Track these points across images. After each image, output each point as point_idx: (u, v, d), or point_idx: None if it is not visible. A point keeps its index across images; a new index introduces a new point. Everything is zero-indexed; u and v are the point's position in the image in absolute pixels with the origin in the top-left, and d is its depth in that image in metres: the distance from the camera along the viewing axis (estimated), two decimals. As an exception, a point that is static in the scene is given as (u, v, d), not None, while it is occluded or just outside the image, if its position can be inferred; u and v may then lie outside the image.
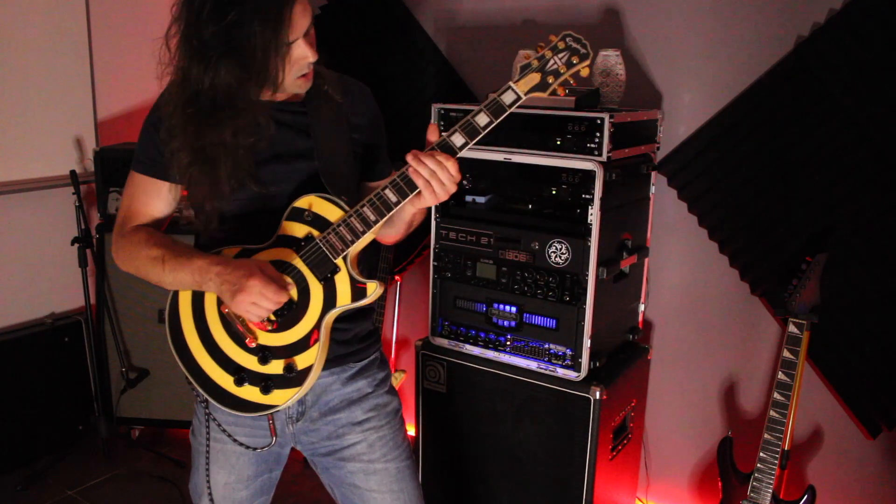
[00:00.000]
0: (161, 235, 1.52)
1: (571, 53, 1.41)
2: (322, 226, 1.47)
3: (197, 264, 1.44)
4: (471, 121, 1.42)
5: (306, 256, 1.47)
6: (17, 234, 3.17)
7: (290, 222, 1.48)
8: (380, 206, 1.44)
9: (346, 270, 1.47)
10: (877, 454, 2.32)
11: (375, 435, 1.62)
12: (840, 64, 2.18)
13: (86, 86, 3.26)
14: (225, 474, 1.61)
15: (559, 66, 1.41)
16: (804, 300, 2.13)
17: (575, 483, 2.24)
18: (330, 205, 1.47)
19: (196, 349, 1.53)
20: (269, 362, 1.49)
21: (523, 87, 1.42)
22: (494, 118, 1.42)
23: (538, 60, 1.41)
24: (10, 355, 3.01)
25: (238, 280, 1.39)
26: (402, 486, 1.63)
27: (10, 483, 2.92)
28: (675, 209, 2.55)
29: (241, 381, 1.50)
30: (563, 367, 2.24)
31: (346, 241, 1.45)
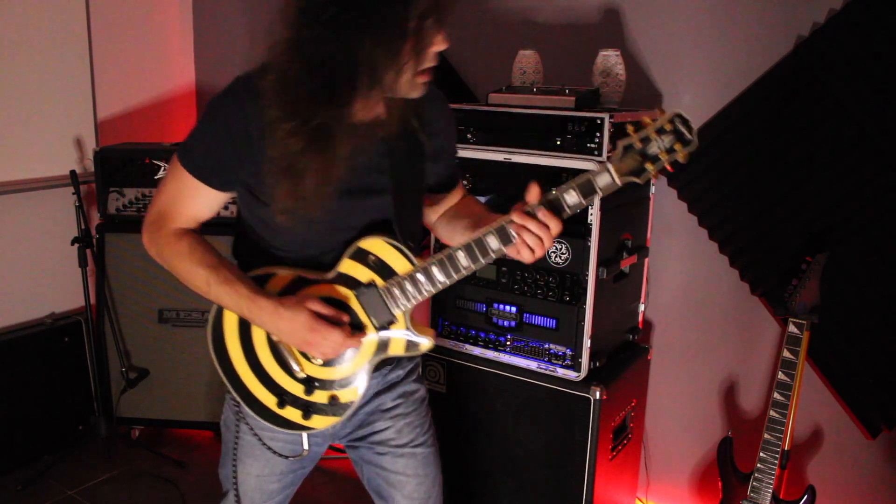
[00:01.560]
0: (204, 250, 1.44)
1: (676, 138, 1.29)
2: (386, 274, 1.43)
3: (243, 298, 1.39)
4: (559, 200, 1.35)
5: (365, 302, 1.44)
6: (17, 234, 3.17)
7: (353, 262, 1.44)
8: (449, 268, 1.40)
9: (404, 323, 1.46)
10: (877, 454, 2.32)
11: (403, 421, 1.63)
12: (840, 64, 2.18)
13: (86, 86, 3.25)
14: (259, 466, 1.60)
15: (660, 152, 1.30)
16: (804, 300, 2.13)
17: (575, 483, 2.24)
18: (398, 255, 1.43)
19: (239, 364, 1.50)
20: (313, 392, 1.50)
21: (621, 170, 1.32)
22: (583, 199, 1.34)
23: (641, 142, 1.30)
24: (10, 355, 3.01)
25: (297, 331, 1.37)
26: (427, 472, 1.66)
27: (10, 483, 2.92)
28: (675, 209, 2.55)
29: (284, 403, 1.50)
30: (563, 367, 2.24)
31: (409, 296, 1.43)
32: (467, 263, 1.40)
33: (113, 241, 3.07)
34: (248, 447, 1.59)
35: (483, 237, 1.38)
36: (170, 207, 1.45)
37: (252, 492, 1.61)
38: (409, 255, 1.44)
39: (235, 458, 1.59)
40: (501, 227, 1.36)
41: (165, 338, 3.07)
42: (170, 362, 3.09)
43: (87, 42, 3.23)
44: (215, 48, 3.71)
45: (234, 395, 1.52)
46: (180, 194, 1.44)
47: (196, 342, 3.05)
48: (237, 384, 1.51)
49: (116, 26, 3.43)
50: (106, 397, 3.15)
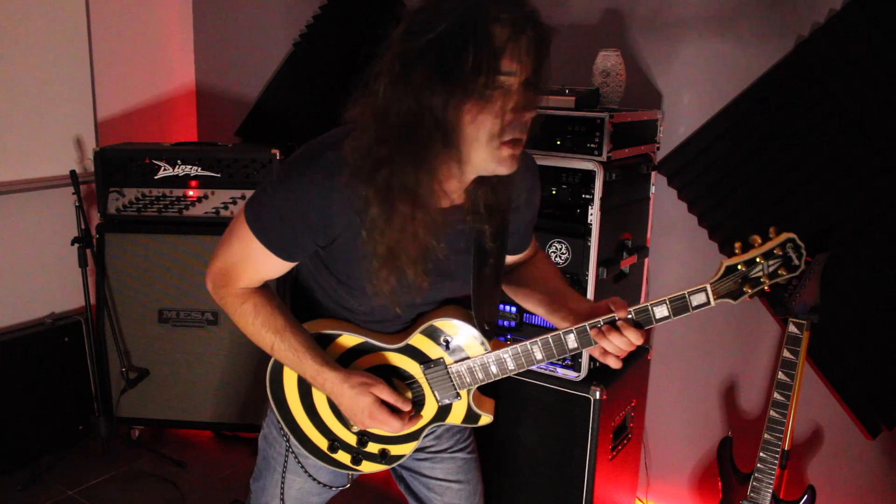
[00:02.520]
0: (270, 312, 1.39)
1: (783, 264, 1.22)
2: (457, 354, 1.41)
3: (308, 370, 1.38)
4: (649, 307, 1.30)
5: (432, 378, 1.43)
6: (17, 234, 3.17)
7: (424, 337, 1.42)
8: (522, 360, 1.39)
9: (467, 401, 1.46)
10: (877, 454, 2.32)
11: (442, 427, 1.62)
12: (840, 64, 2.18)
13: (86, 86, 3.25)
14: (301, 482, 1.59)
15: (763, 276, 1.23)
16: (804, 300, 2.13)
17: (575, 483, 2.24)
18: (473, 340, 1.40)
19: (294, 406, 1.50)
20: (367, 445, 1.51)
21: (719, 292, 1.26)
22: (673, 315, 1.29)
23: (745, 265, 1.23)
24: (10, 355, 3.01)
25: (356, 412, 1.37)
26: (468, 478, 1.65)
27: (11, 483, 2.92)
28: (675, 209, 2.55)
29: (336, 449, 1.51)
30: (563, 367, 2.24)
31: (477, 379, 1.42)
32: (541, 357, 1.38)
33: (113, 241, 3.07)
34: (293, 466, 1.58)
35: (563, 336, 1.34)
36: (236, 268, 1.38)
37: (292, 501, 1.61)
38: (484, 342, 1.40)
39: (285, 472, 1.57)
40: (583, 330, 1.33)
41: (165, 338, 3.07)
42: (170, 362, 3.09)
43: (87, 42, 3.23)
44: (215, 48, 3.71)
45: (287, 432, 1.51)
46: (248, 259, 1.36)
47: (196, 342, 3.05)
48: (290, 422, 1.51)
49: (116, 26, 3.43)
50: (106, 397, 3.15)
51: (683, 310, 1.28)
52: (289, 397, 1.49)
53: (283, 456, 1.56)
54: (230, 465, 3.11)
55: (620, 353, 1.32)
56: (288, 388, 1.49)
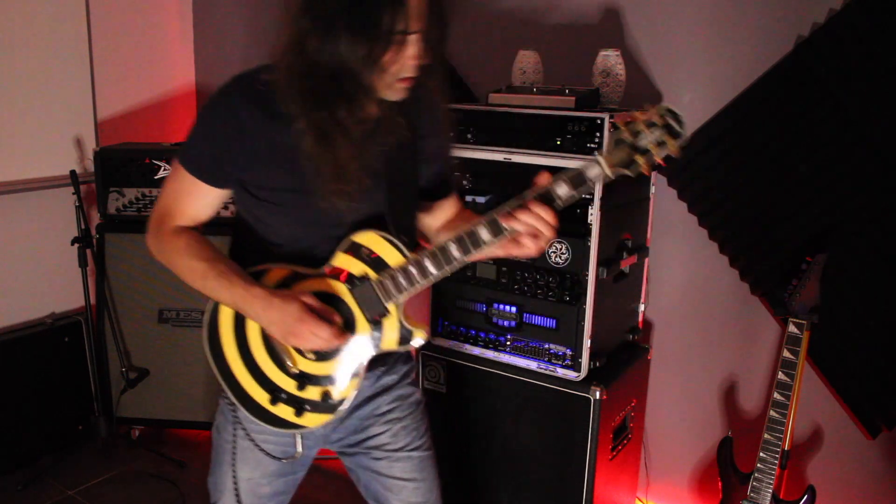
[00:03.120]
0: (202, 245, 1.48)
1: (666, 131, 1.30)
2: (379, 267, 1.45)
3: (238, 290, 1.41)
4: (550, 192, 1.36)
5: (358, 295, 1.46)
6: (17, 234, 3.17)
7: (347, 255, 1.46)
8: (441, 260, 1.41)
9: (396, 315, 1.47)
10: (877, 454, 2.32)
11: (399, 425, 1.63)
12: (840, 64, 2.18)
13: (86, 86, 3.25)
14: (249, 470, 1.60)
15: (650, 145, 1.31)
16: (804, 300, 2.13)
17: (575, 483, 2.24)
18: (391, 248, 1.45)
19: (233, 361, 1.51)
20: (306, 388, 1.50)
21: (611, 161, 1.32)
22: (574, 189, 1.34)
23: (632, 135, 1.31)
24: (10, 355, 3.01)
25: (286, 321, 1.38)
26: (424, 476, 1.66)
27: (11, 483, 2.92)
28: (675, 209, 2.55)
29: (277, 400, 1.50)
30: (563, 367, 2.24)
31: (402, 287, 1.44)
32: (459, 255, 1.41)
33: (113, 241, 3.07)
34: (241, 452, 1.59)
35: (475, 228, 1.39)
36: (171, 206, 1.49)
37: (245, 496, 1.60)
38: (401, 248, 1.45)
39: (235, 458, 1.59)
40: (493, 219, 1.37)
41: (165, 338, 3.07)
42: (170, 362, 3.09)
43: (87, 42, 3.23)
44: (215, 48, 3.71)
45: (228, 392, 1.52)
46: (180, 193, 1.48)
47: (196, 342, 3.02)
48: (231, 381, 1.52)
49: (116, 26, 3.43)
50: (106, 397, 3.15)
51: (581, 182, 1.34)
52: (226, 348, 1.51)
53: (232, 436, 1.57)
54: (230, 465, 3.11)
55: (534, 231, 1.36)
56: (224, 337, 1.51)
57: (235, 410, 1.55)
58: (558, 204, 1.36)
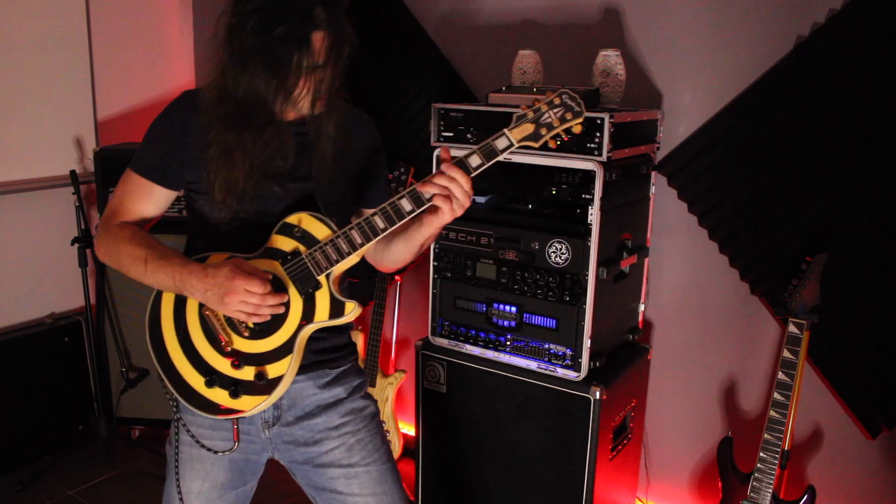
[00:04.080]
0: (145, 235, 1.55)
1: (566, 110, 1.47)
2: (310, 243, 1.51)
3: (176, 268, 1.47)
4: (463, 160, 1.47)
5: (290, 270, 1.50)
6: (17, 234, 3.17)
7: (279, 236, 1.52)
8: (367, 231, 1.48)
9: (328, 288, 1.51)
10: (877, 454, 2.33)
11: (353, 439, 1.62)
12: (840, 64, 2.18)
13: (86, 86, 3.26)
14: (199, 482, 1.61)
15: (553, 120, 1.47)
16: (804, 300, 2.13)
17: (575, 483, 2.24)
18: (320, 223, 1.52)
19: (172, 347, 1.56)
20: (241, 368, 1.51)
21: (517, 135, 1.47)
22: (486, 161, 1.47)
23: (533, 112, 1.47)
24: (10, 355, 3.01)
25: (221, 283, 1.42)
26: (386, 489, 1.63)
27: (10, 483, 2.92)
28: (675, 209, 2.55)
29: (212, 382, 1.52)
30: (563, 367, 2.24)
31: (332, 259, 1.49)
32: (383, 226, 1.48)
33: (113, 241, 3.07)
34: (187, 460, 1.61)
35: (397, 200, 1.48)
36: (119, 206, 1.57)
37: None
38: (330, 223, 1.51)
39: (178, 467, 1.61)
40: (413, 190, 1.47)
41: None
42: (170, 362, 3.08)
43: (87, 42, 3.23)
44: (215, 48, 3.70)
45: (165, 380, 1.55)
46: (128, 193, 1.57)
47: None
48: (168, 368, 1.55)
49: (116, 26, 3.43)
50: (106, 397, 3.15)
51: (492, 154, 1.47)
52: (165, 335, 1.56)
53: (175, 442, 1.61)
54: (230, 465, 3.11)
55: (448, 192, 1.45)
56: (165, 324, 1.56)
57: (177, 405, 1.58)
58: (472, 173, 1.48)
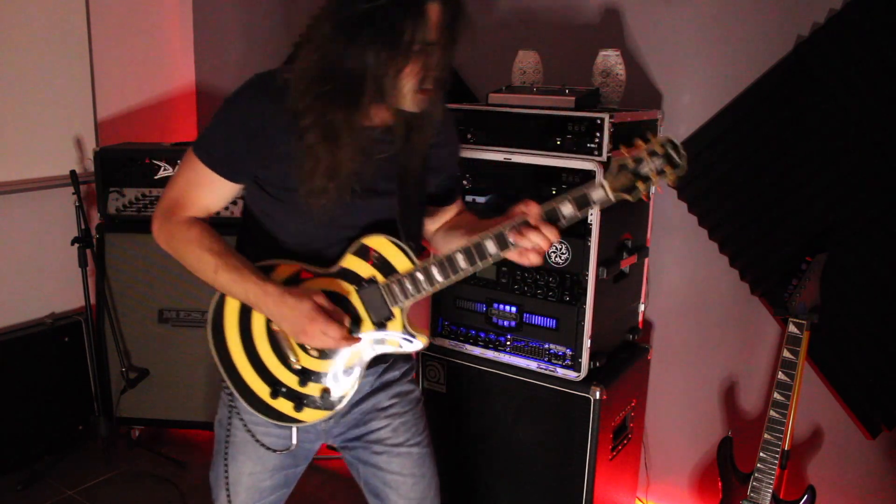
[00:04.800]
0: (214, 238, 1.48)
1: (666, 161, 1.37)
2: (387, 271, 1.48)
3: (251, 285, 1.43)
4: (555, 209, 1.41)
5: (365, 297, 1.49)
6: (17, 234, 3.17)
7: (355, 258, 1.49)
8: (448, 269, 1.46)
9: (401, 319, 1.51)
10: (877, 454, 2.32)
11: (399, 420, 1.65)
12: (840, 64, 2.18)
13: (86, 86, 3.25)
14: (251, 464, 1.61)
15: (651, 173, 1.37)
16: (804, 300, 2.13)
17: (575, 483, 2.24)
18: (399, 253, 1.49)
19: (236, 353, 1.53)
20: (307, 385, 1.52)
21: (614, 184, 1.39)
22: (578, 211, 1.41)
23: (634, 162, 1.38)
24: (10, 355, 3.01)
25: (299, 318, 1.41)
26: (423, 472, 1.68)
27: (10, 483, 2.92)
28: (675, 209, 2.55)
29: (277, 394, 1.52)
30: (563, 367, 2.24)
31: (408, 293, 1.48)
32: (465, 266, 1.45)
33: (113, 241, 3.07)
34: (240, 445, 1.60)
35: (482, 241, 1.43)
36: (182, 197, 1.49)
37: (245, 491, 1.61)
38: (410, 254, 1.48)
39: (227, 455, 1.60)
40: (500, 234, 1.42)
41: (165, 338, 3.07)
42: (170, 362, 3.09)
43: (87, 42, 3.23)
44: (215, 48, 3.71)
45: (229, 383, 1.53)
46: (193, 184, 1.48)
47: (196, 342, 3.05)
48: (233, 373, 1.53)
49: (116, 26, 3.43)
50: (106, 397, 3.15)
51: (585, 204, 1.40)
52: (230, 341, 1.52)
53: (227, 429, 1.59)
54: (230, 465, 3.11)
55: (539, 249, 1.42)
56: (229, 330, 1.52)
57: (234, 401, 1.57)
58: (562, 224, 1.42)
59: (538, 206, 1.41)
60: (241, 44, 3.58)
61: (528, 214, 1.41)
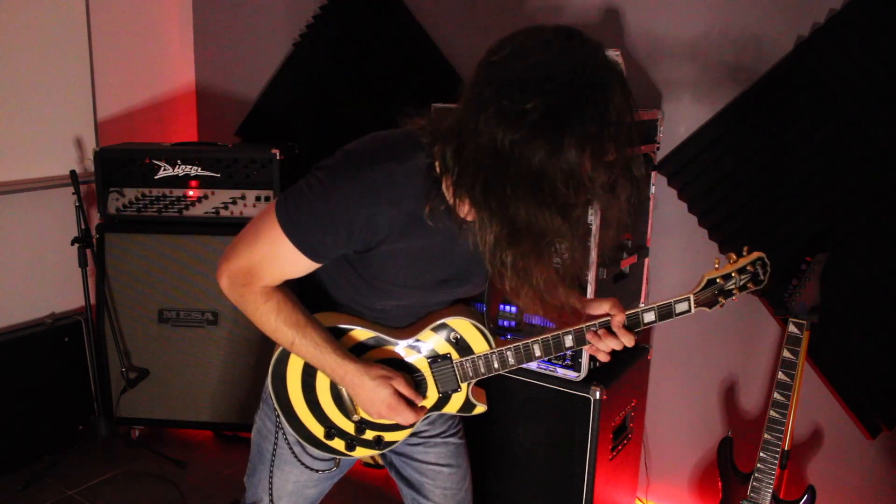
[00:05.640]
0: (291, 309, 1.40)
1: (752, 279, 1.40)
2: (464, 351, 1.51)
3: (328, 362, 1.42)
4: (638, 315, 1.45)
5: (437, 371, 1.52)
6: (17, 234, 3.17)
7: (434, 333, 1.51)
8: (522, 356, 1.49)
9: (466, 393, 1.55)
10: (877, 454, 2.32)
11: (436, 412, 1.64)
12: (840, 64, 2.18)
13: (86, 86, 3.25)
14: (297, 473, 1.62)
15: (734, 288, 1.41)
16: (804, 300, 2.13)
17: (575, 483, 2.24)
18: (479, 336, 1.52)
19: (295, 397, 1.53)
20: (364, 433, 1.55)
21: (698, 300, 1.44)
22: (658, 320, 1.45)
23: (723, 279, 1.42)
24: (10, 355, 3.01)
25: (375, 403, 1.43)
26: (460, 462, 1.70)
27: (10, 483, 2.92)
28: (675, 209, 2.55)
29: (332, 436, 1.55)
30: (563, 367, 2.24)
31: (479, 373, 1.52)
32: (540, 355, 1.49)
33: (113, 241, 3.07)
34: (286, 456, 1.61)
35: (562, 336, 1.46)
36: (261, 267, 1.37)
37: (289, 496, 1.63)
38: (490, 339, 1.52)
39: (273, 465, 1.61)
40: (581, 332, 1.46)
41: (165, 338, 3.07)
42: (170, 362, 3.09)
43: (87, 42, 3.23)
44: (215, 48, 3.71)
45: (284, 421, 1.54)
46: (275, 259, 1.35)
47: (196, 342, 3.05)
48: (289, 413, 1.54)
49: (116, 26, 3.43)
50: (106, 397, 3.15)
51: (668, 315, 1.44)
52: (291, 390, 1.52)
53: (273, 443, 1.60)
54: (230, 465, 3.11)
55: (610, 350, 1.46)
56: (291, 382, 1.52)
57: (280, 420, 1.56)
58: (640, 330, 1.47)
59: (623, 314, 1.43)
60: (241, 44, 3.58)
61: (613, 320, 1.43)
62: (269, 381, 1.53)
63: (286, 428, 1.55)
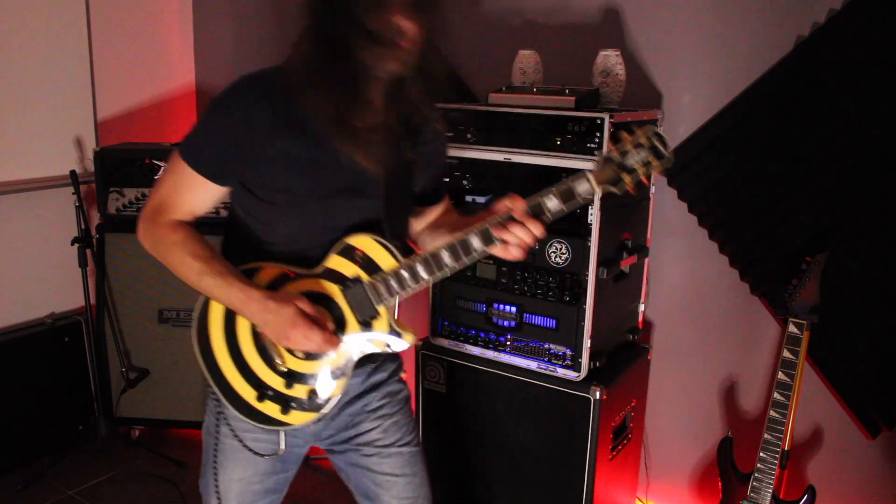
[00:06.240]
0: (198, 242, 1.47)
1: (652, 153, 1.35)
2: (371, 270, 1.47)
3: (234, 291, 1.43)
4: (540, 203, 1.40)
5: (350, 297, 1.48)
6: (17, 234, 3.17)
7: (340, 257, 1.48)
8: (433, 266, 1.44)
9: (387, 318, 1.49)
10: (877, 454, 2.32)
11: (389, 421, 1.65)
12: (840, 64, 2.18)
13: (86, 86, 3.25)
14: (241, 470, 1.61)
15: (636, 164, 1.35)
16: (804, 300, 2.13)
17: (575, 483, 2.24)
18: (384, 251, 1.47)
19: (221, 356, 1.53)
20: (293, 387, 1.51)
21: (599, 178, 1.37)
22: (564, 204, 1.39)
23: (620, 154, 1.36)
24: (10, 355, 3.01)
25: (282, 324, 1.40)
26: (415, 470, 1.67)
27: (10, 483, 2.92)
28: (675, 209, 2.55)
29: (263, 397, 1.51)
30: (563, 367, 2.24)
31: (393, 291, 1.46)
32: (450, 262, 1.44)
33: (113, 241, 3.07)
34: (228, 451, 1.59)
35: (467, 237, 1.42)
36: (167, 200, 1.48)
37: (236, 497, 1.61)
38: (395, 252, 1.47)
39: (216, 462, 1.60)
40: (485, 230, 1.41)
41: (165, 338, 3.07)
42: (170, 362, 3.09)
43: (87, 42, 3.23)
44: (215, 48, 3.71)
45: (216, 388, 1.53)
46: (179, 187, 1.47)
47: (196, 342, 3.05)
48: (218, 377, 1.53)
49: (116, 26, 3.43)
50: (106, 397, 3.15)
51: (570, 197, 1.38)
52: (214, 344, 1.53)
53: (215, 436, 1.59)
54: (230, 465, 3.11)
55: (523, 244, 1.41)
56: (214, 334, 1.53)
57: (221, 408, 1.56)
58: (547, 217, 1.40)
59: (523, 201, 1.40)
60: (242, 44, 3.58)
61: (513, 209, 1.40)
62: (196, 343, 1.53)
63: (221, 400, 1.53)
